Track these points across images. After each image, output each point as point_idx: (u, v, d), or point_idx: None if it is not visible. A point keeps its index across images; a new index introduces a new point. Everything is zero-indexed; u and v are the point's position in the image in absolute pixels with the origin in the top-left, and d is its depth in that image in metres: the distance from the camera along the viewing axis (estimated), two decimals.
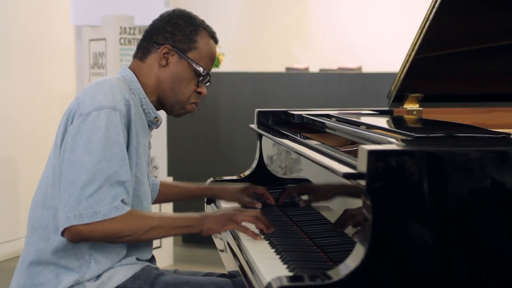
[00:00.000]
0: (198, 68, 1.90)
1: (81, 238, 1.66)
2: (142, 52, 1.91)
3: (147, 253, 1.89)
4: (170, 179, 4.52)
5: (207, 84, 1.97)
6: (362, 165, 1.37)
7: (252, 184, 2.30)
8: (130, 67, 1.92)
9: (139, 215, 1.72)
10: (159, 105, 1.93)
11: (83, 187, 1.64)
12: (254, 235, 1.78)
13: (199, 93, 1.94)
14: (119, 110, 1.72)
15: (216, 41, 1.97)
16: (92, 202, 1.63)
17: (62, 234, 1.66)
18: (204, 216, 1.80)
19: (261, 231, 1.83)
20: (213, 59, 1.95)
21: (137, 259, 1.85)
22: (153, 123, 1.92)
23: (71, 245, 1.73)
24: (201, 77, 1.92)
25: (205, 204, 2.40)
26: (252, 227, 1.84)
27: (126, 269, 1.79)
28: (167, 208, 4.31)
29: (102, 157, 1.66)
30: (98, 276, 1.76)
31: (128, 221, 1.67)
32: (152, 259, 1.96)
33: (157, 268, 1.90)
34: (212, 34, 1.95)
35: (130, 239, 1.70)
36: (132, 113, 1.78)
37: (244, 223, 1.82)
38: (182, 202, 2.53)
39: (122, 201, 1.68)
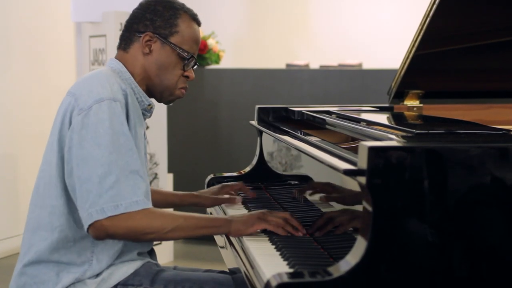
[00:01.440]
0: (181, 52, 1.88)
1: (106, 234, 1.64)
2: (125, 42, 1.90)
3: (146, 246, 1.89)
4: (170, 176, 4.52)
5: (194, 67, 1.95)
6: (362, 161, 1.37)
7: (227, 183, 2.31)
8: (116, 58, 1.91)
9: (162, 213, 1.70)
10: (148, 93, 1.92)
11: (101, 181, 1.62)
12: (285, 233, 1.74)
13: (187, 77, 1.93)
14: (118, 100, 1.72)
15: (199, 24, 1.94)
16: (113, 194, 1.62)
17: (87, 231, 1.65)
18: (232, 217, 1.78)
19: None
20: (197, 41, 1.93)
21: (138, 253, 1.84)
22: (146, 111, 1.90)
23: (71, 242, 1.72)
24: (186, 61, 1.89)
25: None
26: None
27: (127, 266, 1.79)
28: None
29: (112, 148, 1.65)
30: (99, 273, 1.76)
31: (152, 218, 1.66)
32: (153, 253, 1.95)
33: (157, 264, 1.90)
34: (194, 16, 1.93)
35: (155, 236, 1.68)
36: (129, 103, 1.77)
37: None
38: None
39: (144, 195, 1.66)
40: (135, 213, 1.63)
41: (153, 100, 1.94)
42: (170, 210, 1.90)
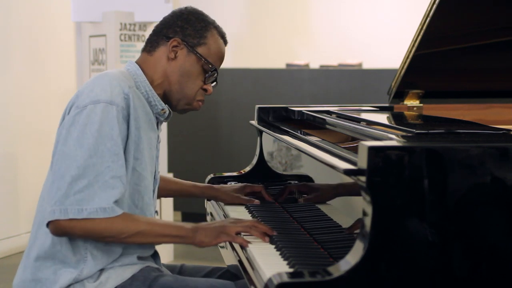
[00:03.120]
0: (206, 64, 1.89)
1: (62, 233, 1.65)
2: (150, 45, 1.91)
3: (148, 249, 1.88)
4: (170, 176, 4.52)
5: (213, 84, 1.96)
6: (362, 161, 1.37)
7: (249, 184, 2.30)
8: (137, 61, 1.91)
9: (125, 218, 1.68)
10: (164, 99, 1.91)
11: (72, 182, 1.63)
12: (245, 243, 1.71)
13: (205, 90, 1.94)
14: (115, 104, 1.71)
15: (225, 42, 1.97)
16: (80, 198, 1.62)
17: (47, 226, 1.66)
18: (198, 227, 1.75)
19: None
20: (221, 58, 1.95)
21: (139, 257, 1.83)
22: (160, 115, 1.90)
23: (66, 238, 1.72)
24: (209, 73, 1.91)
25: (205, 201, 2.40)
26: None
27: (125, 270, 1.77)
28: (167, 204, 4.31)
29: (93, 152, 1.65)
30: (98, 277, 1.75)
31: (112, 222, 1.65)
32: (156, 256, 1.94)
33: (158, 269, 1.88)
34: (223, 34, 1.95)
35: (113, 240, 1.68)
36: (131, 107, 1.76)
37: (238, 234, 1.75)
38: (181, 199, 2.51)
39: (116, 202, 1.66)
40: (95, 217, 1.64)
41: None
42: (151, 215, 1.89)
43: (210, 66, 1.90)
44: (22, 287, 1.76)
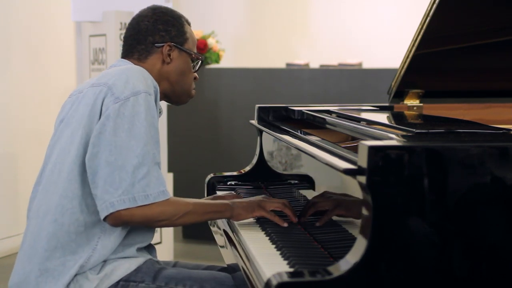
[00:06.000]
0: (195, 56, 2.00)
1: (122, 222, 1.71)
2: (139, 53, 1.95)
3: (148, 237, 1.90)
4: (170, 176, 4.52)
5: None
6: (362, 160, 1.37)
7: (218, 195, 2.27)
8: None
9: (175, 200, 1.78)
10: (163, 98, 2.00)
11: (134, 170, 1.69)
12: (281, 222, 1.86)
13: (194, 78, 2.05)
14: (152, 94, 1.80)
15: (189, 24, 2.06)
16: (144, 185, 1.70)
17: (105, 219, 1.71)
18: (234, 202, 1.88)
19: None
20: (196, 43, 2.06)
21: (138, 249, 1.85)
22: None
23: (82, 226, 1.75)
24: (198, 62, 2.02)
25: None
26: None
27: (129, 262, 1.81)
28: None
29: (146, 140, 1.73)
30: (101, 269, 1.77)
31: (166, 206, 1.73)
32: (152, 250, 1.96)
33: (158, 262, 1.92)
34: (189, 22, 2.05)
35: (166, 223, 1.77)
36: (157, 99, 1.86)
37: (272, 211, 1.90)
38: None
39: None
40: (151, 203, 1.71)
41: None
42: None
43: (200, 56, 2.02)
44: (29, 277, 1.76)
